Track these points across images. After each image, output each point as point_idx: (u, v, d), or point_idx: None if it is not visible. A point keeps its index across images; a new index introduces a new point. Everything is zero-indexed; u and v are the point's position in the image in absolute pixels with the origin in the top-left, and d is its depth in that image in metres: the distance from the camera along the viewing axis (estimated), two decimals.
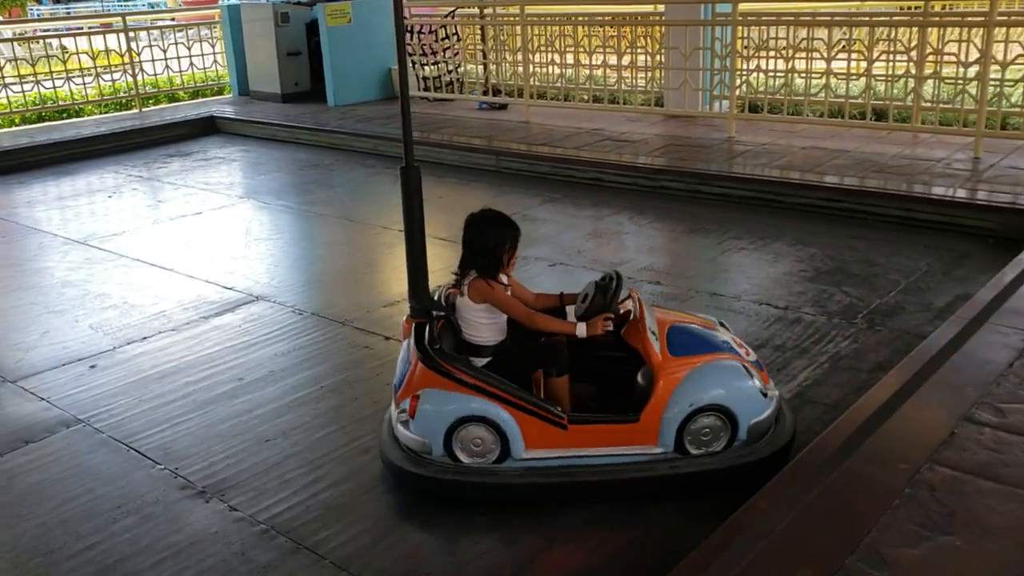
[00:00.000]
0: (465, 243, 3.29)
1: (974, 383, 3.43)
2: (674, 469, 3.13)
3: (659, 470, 3.13)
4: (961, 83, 7.21)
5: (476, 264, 3.26)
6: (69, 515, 3.22)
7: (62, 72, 11.00)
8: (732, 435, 3.16)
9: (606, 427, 3.16)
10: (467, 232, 3.29)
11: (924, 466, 2.89)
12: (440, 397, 3.14)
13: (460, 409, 3.11)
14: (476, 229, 3.28)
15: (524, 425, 3.11)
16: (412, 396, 3.18)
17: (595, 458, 3.15)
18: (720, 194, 6.83)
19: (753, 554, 2.51)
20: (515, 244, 3.28)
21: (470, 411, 3.11)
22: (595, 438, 3.16)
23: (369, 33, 11.07)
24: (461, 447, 3.15)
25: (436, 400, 3.14)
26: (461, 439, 3.14)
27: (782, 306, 4.77)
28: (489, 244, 3.24)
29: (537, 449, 3.15)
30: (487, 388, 3.11)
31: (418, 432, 3.17)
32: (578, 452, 3.15)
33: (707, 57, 8.37)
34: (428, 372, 3.16)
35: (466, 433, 3.13)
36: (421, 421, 3.16)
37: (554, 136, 8.52)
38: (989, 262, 5.16)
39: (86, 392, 4.18)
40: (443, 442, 3.14)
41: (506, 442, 3.12)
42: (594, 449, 3.16)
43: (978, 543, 2.51)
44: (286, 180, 8.38)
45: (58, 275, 5.87)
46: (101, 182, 8.61)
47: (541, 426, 3.12)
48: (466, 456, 3.16)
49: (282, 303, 5.18)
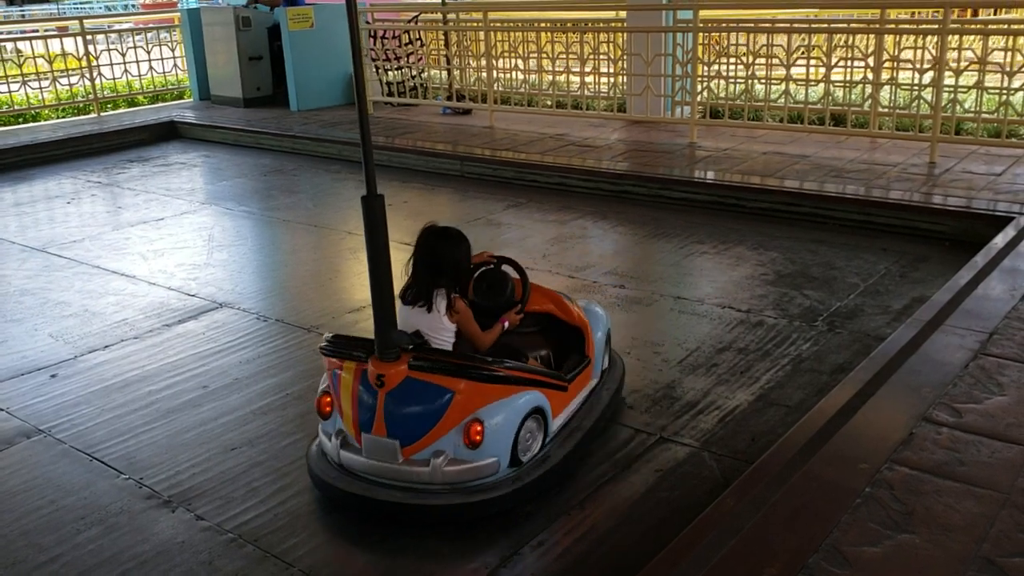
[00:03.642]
0: (436, 256, 3.15)
1: (931, 384, 3.51)
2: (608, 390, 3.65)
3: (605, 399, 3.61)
4: (917, 89, 7.36)
5: (448, 280, 3.18)
6: (31, 527, 3.18)
7: (17, 76, 10.81)
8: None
9: (582, 373, 3.48)
10: (439, 246, 3.17)
11: (884, 466, 2.96)
12: (501, 407, 3.01)
13: (523, 407, 3.07)
14: (451, 243, 3.19)
15: (552, 400, 3.23)
16: (473, 422, 2.98)
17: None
18: (682, 199, 6.90)
19: (721, 552, 2.55)
20: None
21: (530, 406, 3.10)
22: (578, 385, 3.46)
23: (332, 38, 11.02)
24: (522, 449, 3.11)
25: (499, 411, 3.00)
26: (521, 441, 3.09)
27: (744, 309, 4.83)
28: (464, 260, 3.21)
29: (556, 419, 3.30)
30: (529, 376, 3.15)
31: (489, 454, 3.01)
32: (569, 407, 3.41)
33: (669, 63, 8.46)
34: (480, 386, 2.99)
35: (524, 433, 3.10)
36: (493, 440, 2.99)
37: (518, 141, 8.55)
38: (945, 265, 5.28)
39: (47, 402, 4.12)
40: (511, 453, 3.06)
41: (546, 424, 3.19)
42: (576, 398, 3.46)
43: (937, 540, 2.57)
44: (249, 186, 8.32)
45: (16, 283, 5.78)
46: (59, 188, 8.48)
47: (555, 395, 3.26)
48: (526, 455, 3.15)
49: (246, 310, 5.14)
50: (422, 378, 2.99)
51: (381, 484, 3.06)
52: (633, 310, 4.95)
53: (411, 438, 3.01)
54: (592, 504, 3.18)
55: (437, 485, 3.01)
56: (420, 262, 3.20)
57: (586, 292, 5.17)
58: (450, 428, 2.99)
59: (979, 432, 3.14)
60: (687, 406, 3.82)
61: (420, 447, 3.01)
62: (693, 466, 3.38)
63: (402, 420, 3.01)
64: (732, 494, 2.89)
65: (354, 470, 3.12)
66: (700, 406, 3.82)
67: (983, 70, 7.07)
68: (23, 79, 10.85)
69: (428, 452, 3.01)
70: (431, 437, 3.00)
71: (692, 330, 4.60)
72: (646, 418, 3.74)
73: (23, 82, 10.87)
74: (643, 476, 3.33)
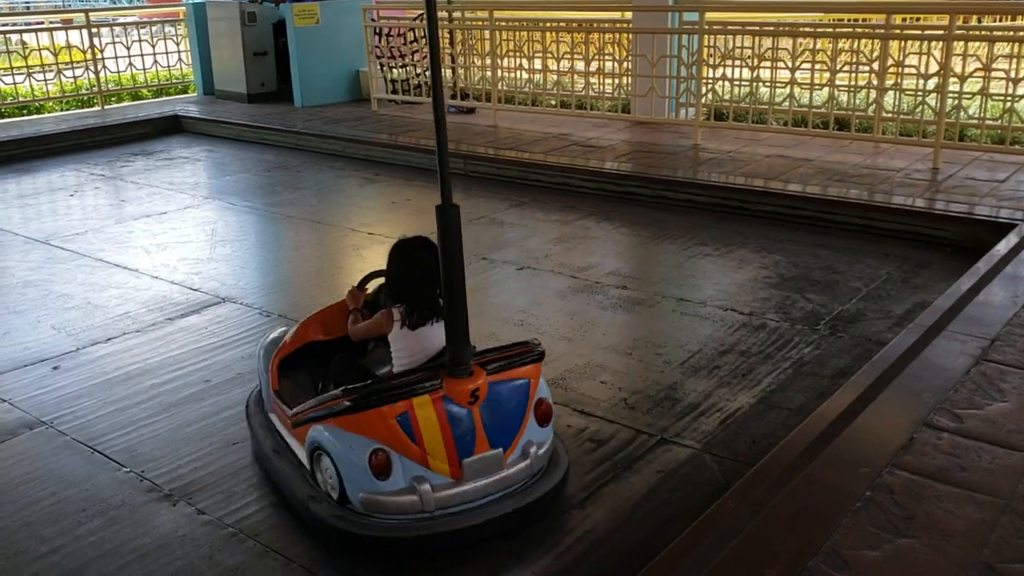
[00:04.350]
0: (433, 267, 2.91)
1: (932, 389, 3.51)
2: None
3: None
4: (921, 95, 7.37)
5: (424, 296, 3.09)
6: (33, 518, 3.18)
7: (22, 68, 10.83)
8: None
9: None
10: (433, 257, 2.93)
11: (884, 470, 2.96)
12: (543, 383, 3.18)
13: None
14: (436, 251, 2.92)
15: None
16: (540, 401, 3.10)
17: None
18: (686, 200, 6.91)
19: (722, 554, 2.55)
20: None
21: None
22: None
23: (337, 35, 11.03)
24: None
25: (545, 386, 3.18)
26: None
27: (747, 312, 4.84)
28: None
29: None
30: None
31: (551, 427, 3.16)
32: None
33: (674, 65, 8.47)
34: (538, 366, 3.10)
35: None
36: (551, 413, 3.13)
37: (521, 140, 8.56)
38: (947, 270, 5.28)
39: (49, 394, 4.13)
40: None
41: None
42: None
43: (937, 545, 2.58)
44: (252, 181, 8.32)
45: (19, 275, 5.79)
46: (62, 180, 8.49)
47: None
48: None
49: (249, 305, 5.15)
50: (499, 379, 2.98)
51: (476, 507, 2.93)
52: (635, 311, 4.95)
53: (509, 440, 2.99)
54: (592, 504, 3.18)
55: (528, 477, 3.05)
56: (421, 277, 3.05)
57: (588, 292, 5.18)
58: (530, 415, 3.05)
59: (980, 438, 3.15)
60: (689, 408, 3.83)
61: (515, 446, 3.01)
62: (694, 468, 3.39)
63: (500, 426, 2.97)
64: (733, 496, 2.89)
65: (449, 505, 2.90)
66: (702, 408, 3.83)
67: (988, 77, 7.08)
68: (28, 71, 10.87)
69: (520, 448, 3.02)
70: (521, 431, 3.03)
71: (694, 332, 4.61)
72: (647, 419, 3.75)
73: (28, 74, 10.88)
74: (644, 477, 3.33)
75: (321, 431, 2.94)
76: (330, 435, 2.91)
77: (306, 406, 3.08)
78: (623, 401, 3.90)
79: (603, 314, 4.90)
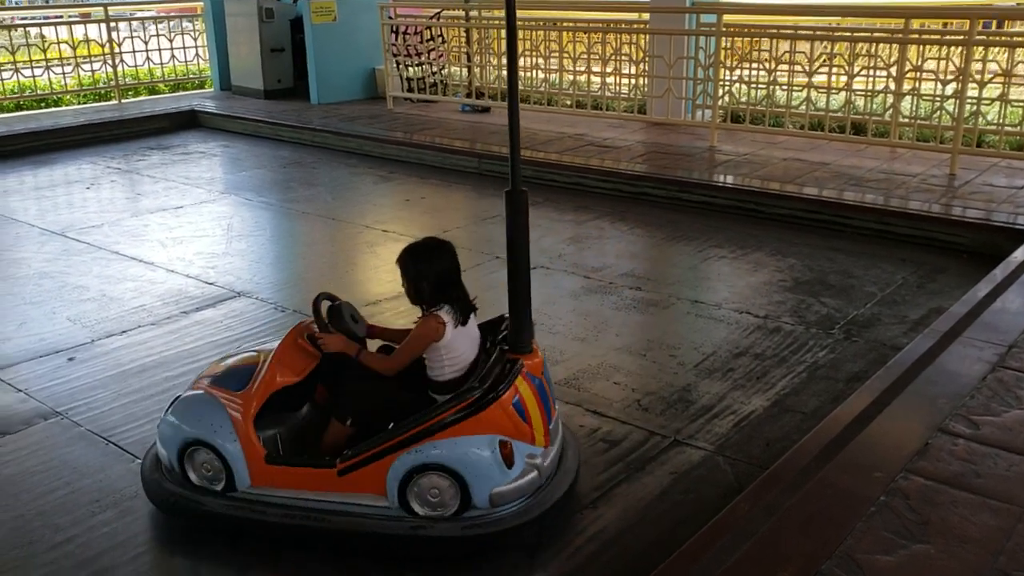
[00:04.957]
0: (454, 263, 3.02)
1: (948, 395, 3.49)
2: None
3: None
4: (939, 100, 7.33)
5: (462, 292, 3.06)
6: (47, 508, 3.21)
7: (41, 61, 10.89)
8: None
9: None
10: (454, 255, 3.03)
11: (899, 475, 2.95)
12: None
13: None
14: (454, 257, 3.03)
15: None
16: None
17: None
18: (701, 202, 6.89)
19: (734, 556, 2.55)
20: None
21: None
22: None
23: (354, 32, 11.05)
24: None
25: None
26: None
27: (762, 315, 4.82)
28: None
29: None
30: None
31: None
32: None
33: (691, 67, 8.44)
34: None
35: None
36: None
37: (536, 140, 8.55)
38: (963, 276, 5.25)
39: (64, 384, 4.15)
40: None
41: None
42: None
43: (952, 552, 2.56)
44: (268, 177, 8.35)
45: (35, 266, 5.82)
46: (79, 173, 8.53)
47: None
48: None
49: (264, 300, 5.17)
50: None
51: (555, 473, 3.10)
52: (649, 312, 4.94)
53: (551, 402, 3.16)
54: (604, 505, 3.18)
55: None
56: (454, 278, 3.04)
57: (602, 293, 5.17)
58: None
59: (996, 445, 3.13)
60: (702, 410, 3.82)
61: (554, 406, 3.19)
62: (707, 470, 3.38)
63: (550, 392, 3.15)
64: (746, 498, 2.88)
65: (548, 472, 3.04)
66: (715, 410, 3.82)
67: (1008, 82, 7.03)
68: (47, 64, 10.93)
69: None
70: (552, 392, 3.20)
71: (709, 334, 4.60)
72: (661, 420, 3.74)
73: (47, 67, 10.94)
74: (657, 478, 3.33)
75: (426, 450, 2.82)
76: (445, 448, 2.83)
77: (368, 445, 2.88)
78: (636, 402, 3.89)
79: (617, 315, 4.89)
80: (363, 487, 2.90)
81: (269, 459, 2.96)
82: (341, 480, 2.91)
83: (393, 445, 2.85)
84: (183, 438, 3.00)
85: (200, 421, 2.98)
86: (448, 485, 2.85)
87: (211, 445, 2.95)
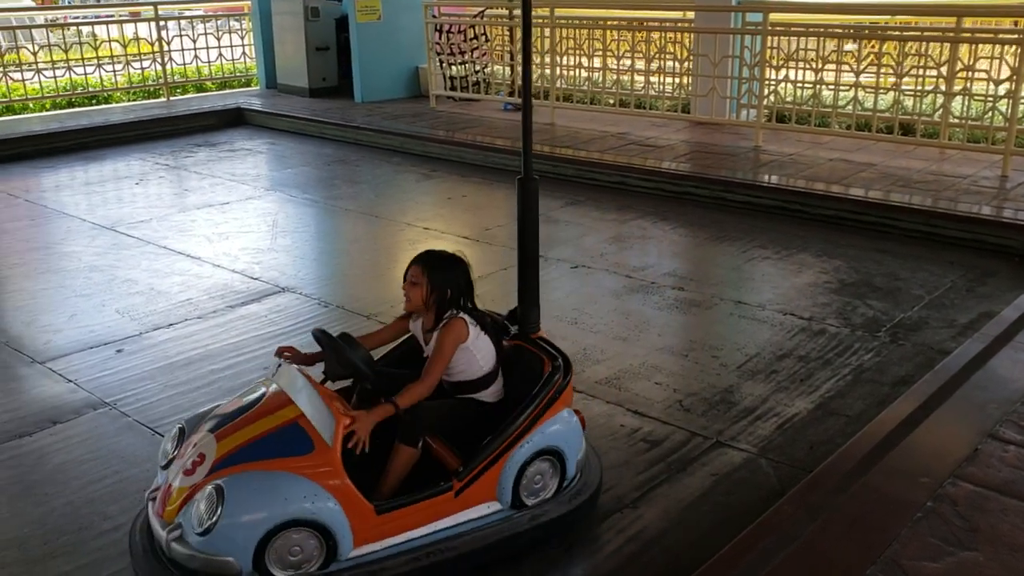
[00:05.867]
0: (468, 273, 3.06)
1: (998, 401, 3.43)
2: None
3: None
4: (991, 100, 7.18)
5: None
6: (96, 495, 3.27)
7: (93, 59, 11.10)
8: None
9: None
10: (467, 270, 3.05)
11: (947, 481, 2.90)
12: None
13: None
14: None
15: None
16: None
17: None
18: (745, 202, 6.83)
19: (779, 558, 2.52)
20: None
21: None
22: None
23: (398, 31, 11.12)
24: None
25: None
26: None
27: (806, 317, 4.77)
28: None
29: None
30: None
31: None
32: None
33: (736, 66, 8.37)
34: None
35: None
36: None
37: (579, 139, 8.54)
38: (1015, 280, 5.15)
39: (113, 375, 4.23)
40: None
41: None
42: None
43: (1002, 560, 2.51)
44: (312, 174, 8.43)
45: (86, 259, 5.94)
46: (128, 169, 8.69)
47: None
48: None
49: (308, 295, 5.22)
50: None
51: None
52: (692, 313, 4.91)
53: None
54: (645, 505, 3.17)
55: None
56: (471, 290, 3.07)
57: (644, 292, 5.15)
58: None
59: None
60: (745, 411, 3.79)
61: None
62: (749, 472, 3.35)
63: None
64: (789, 501, 2.86)
65: None
66: (758, 412, 3.78)
67: None
68: (98, 62, 11.14)
69: None
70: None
71: (752, 335, 4.55)
72: (703, 421, 3.71)
73: (98, 65, 11.15)
74: (698, 479, 3.31)
75: (535, 439, 2.86)
76: (547, 431, 2.90)
77: (484, 452, 2.81)
78: (678, 403, 3.87)
79: (659, 315, 4.87)
80: (473, 500, 2.82)
81: (381, 509, 2.65)
82: (456, 501, 2.77)
83: (508, 444, 2.84)
84: (265, 529, 2.49)
85: (287, 500, 2.52)
86: (548, 466, 2.95)
87: (309, 521, 2.53)
